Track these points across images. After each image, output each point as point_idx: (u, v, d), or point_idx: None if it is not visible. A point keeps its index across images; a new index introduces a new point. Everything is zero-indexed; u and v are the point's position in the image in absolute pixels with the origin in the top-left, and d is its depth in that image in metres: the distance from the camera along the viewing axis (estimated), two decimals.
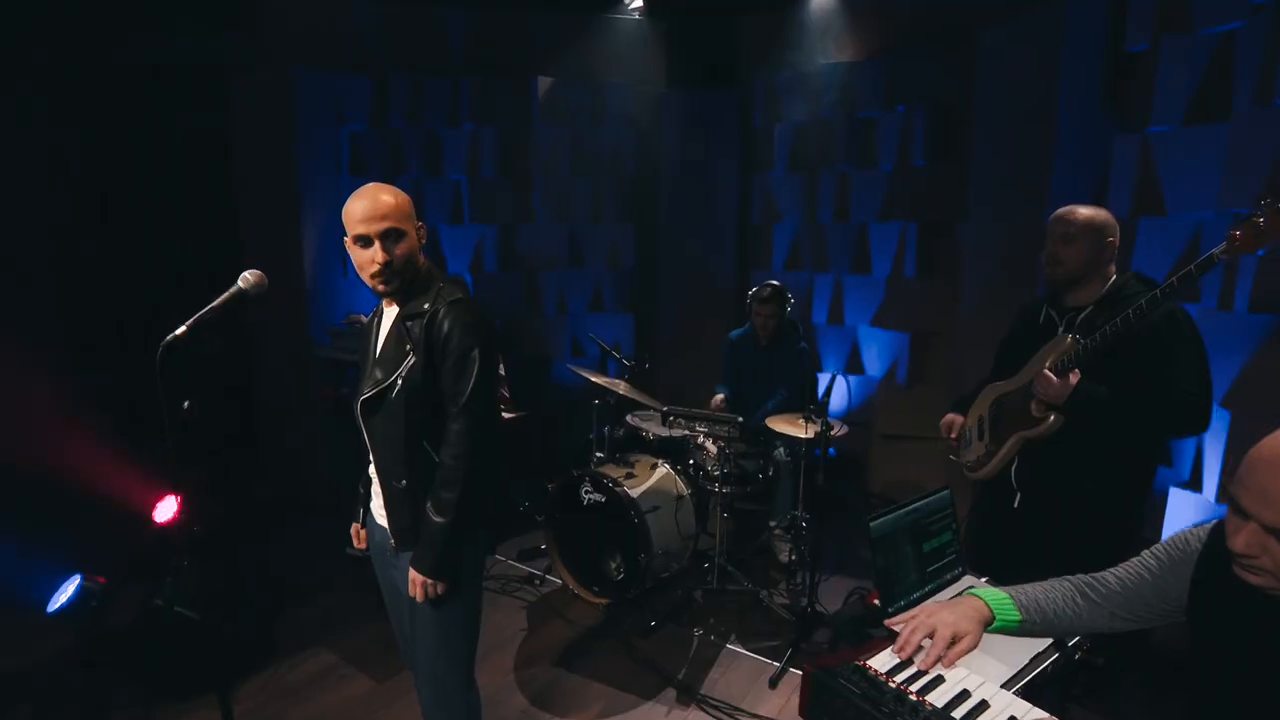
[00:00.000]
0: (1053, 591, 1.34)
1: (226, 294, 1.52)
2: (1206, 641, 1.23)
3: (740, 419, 3.13)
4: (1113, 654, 2.28)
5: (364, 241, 1.55)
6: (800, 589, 3.27)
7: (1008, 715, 1.16)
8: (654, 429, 3.61)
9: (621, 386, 3.67)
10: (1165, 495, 2.56)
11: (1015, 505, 2.18)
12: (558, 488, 3.25)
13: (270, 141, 3.86)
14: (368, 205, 1.55)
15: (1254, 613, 1.08)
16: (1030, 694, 1.31)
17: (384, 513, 1.70)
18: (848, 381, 4.44)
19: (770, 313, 3.50)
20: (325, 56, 3.97)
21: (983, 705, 1.18)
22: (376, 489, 1.72)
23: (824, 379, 3.52)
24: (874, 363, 4.33)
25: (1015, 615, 1.30)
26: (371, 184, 1.61)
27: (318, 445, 4.01)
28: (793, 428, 3.07)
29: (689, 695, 2.56)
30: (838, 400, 4.36)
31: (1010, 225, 3.24)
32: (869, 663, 1.26)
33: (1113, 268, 2.05)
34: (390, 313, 1.66)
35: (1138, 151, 2.68)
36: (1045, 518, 2.10)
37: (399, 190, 1.61)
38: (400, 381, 1.57)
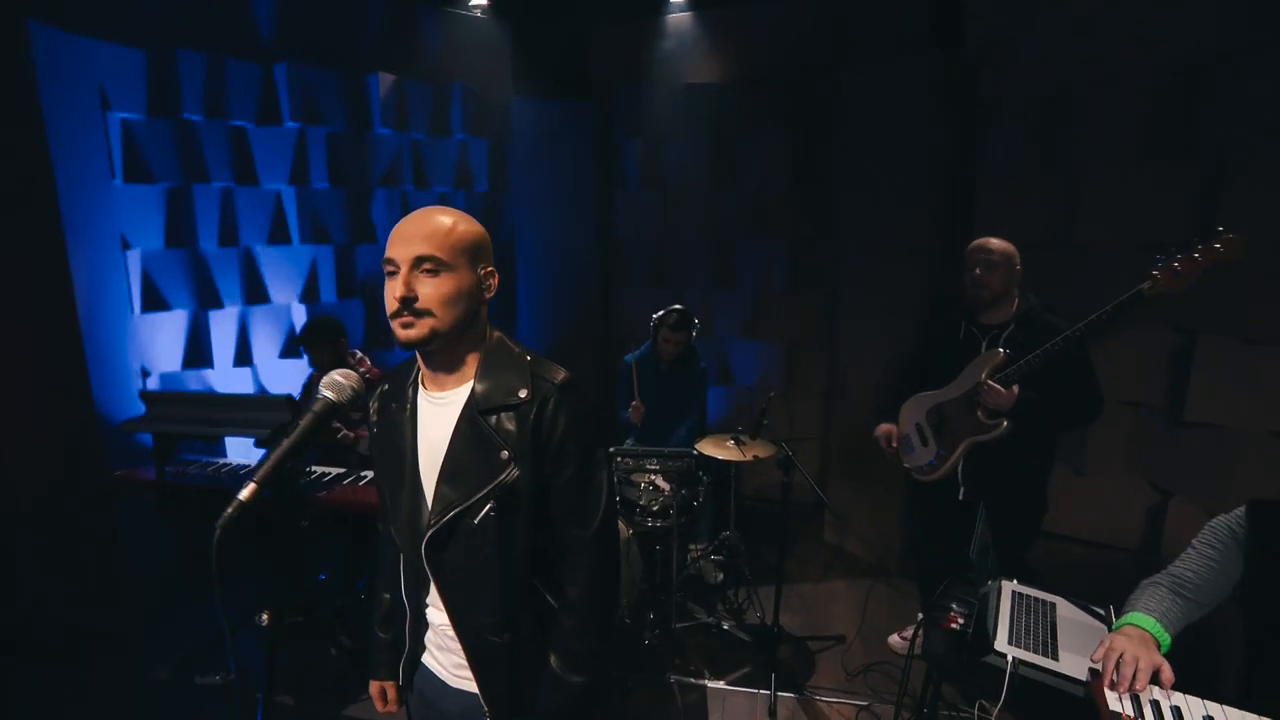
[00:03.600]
0: (1165, 600, 1.51)
1: (311, 415, 0.99)
2: (1262, 612, 1.50)
3: (695, 451, 3.05)
4: None
5: (391, 268, 1.13)
6: (741, 608, 3.31)
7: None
8: None
9: None
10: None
11: (960, 498, 2.50)
12: None
13: (8, 128, 2.68)
14: (410, 221, 1.14)
15: None
16: None
17: (460, 672, 1.28)
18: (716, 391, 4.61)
19: (680, 339, 3.47)
20: (77, 15, 2.89)
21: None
22: (443, 641, 1.29)
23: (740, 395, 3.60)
24: (746, 373, 4.55)
25: (1167, 637, 1.45)
26: (435, 207, 1.20)
27: (116, 560, 2.93)
28: (723, 450, 3.09)
29: None
30: (718, 410, 4.50)
31: (880, 246, 3.64)
32: (1125, 713, 1.30)
33: (1016, 289, 2.44)
34: (442, 399, 1.21)
35: (1008, 190, 3.21)
36: (987, 504, 2.43)
37: (470, 219, 1.20)
38: (494, 501, 1.16)
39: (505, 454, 1.16)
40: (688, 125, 4.30)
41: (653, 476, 3.06)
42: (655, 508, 3.00)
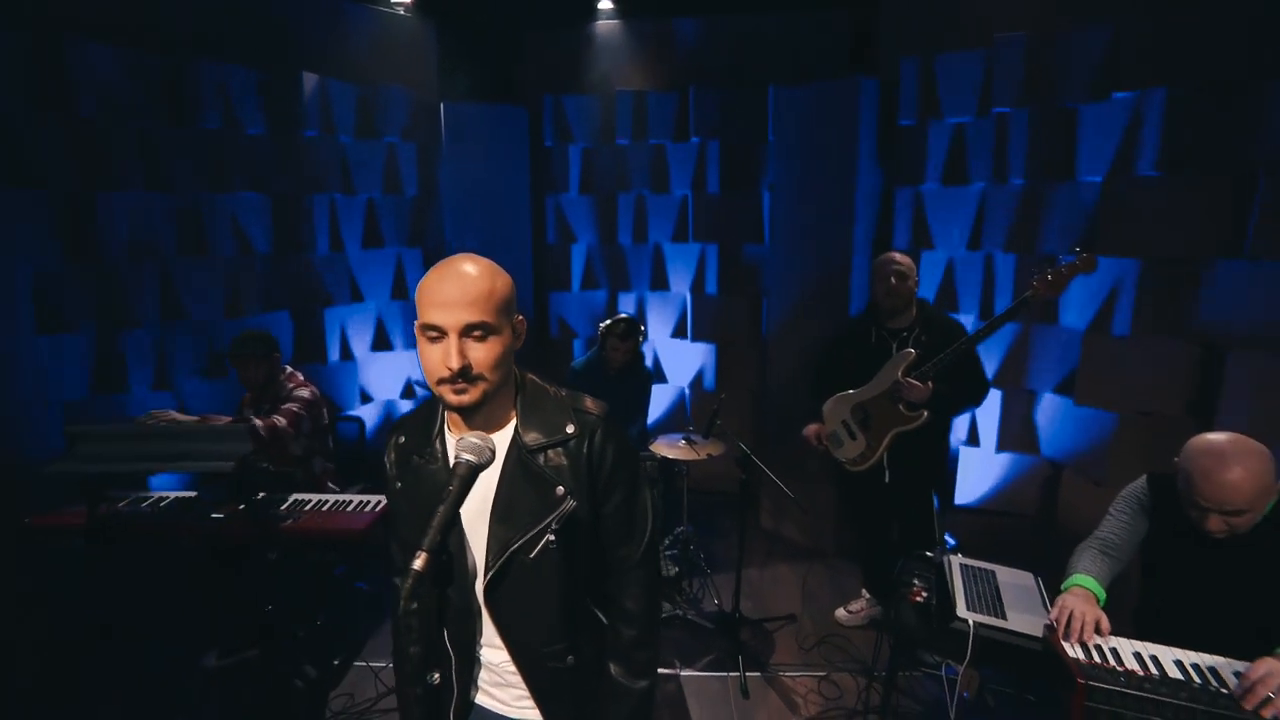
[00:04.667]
0: (1098, 561, 1.84)
1: (459, 480, 1.00)
2: (1156, 567, 1.87)
3: (658, 456, 3.19)
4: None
5: (434, 334, 1.11)
6: (698, 597, 3.50)
7: (1175, 658, 1.58)
8: None
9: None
10: (957, 451, 3.54)
11: (886, 481, 2.84)
12: None
13: None
14: (449, 283, 1.11)
15: (1197, 545, 1.70)
16: None
17: (521, 703, 1.30)
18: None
19: (628, 348, 3.58)
20: None
21: (1155, 658, 1.60)
22: (502, 677, 1.30)
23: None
24: (678, 372, 4.74)
25: (1103, 592, 1.76)
26: (461, 256, 1.17)
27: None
28: (677, 450, 3.25)
29: None
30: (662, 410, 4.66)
31: (808, 251, 3.92)
32: (1075, 657, 1.58)
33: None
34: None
35: (912, 201, 3.58)
36: (907, 483, 2.82)
37: (498, 268, 1.19)
38: (552, 534, 1.18)
39: (561, 490, 1.19)
40: (620, 131, 4.39)
41: None
42: None
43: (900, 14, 3.61)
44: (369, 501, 2.71)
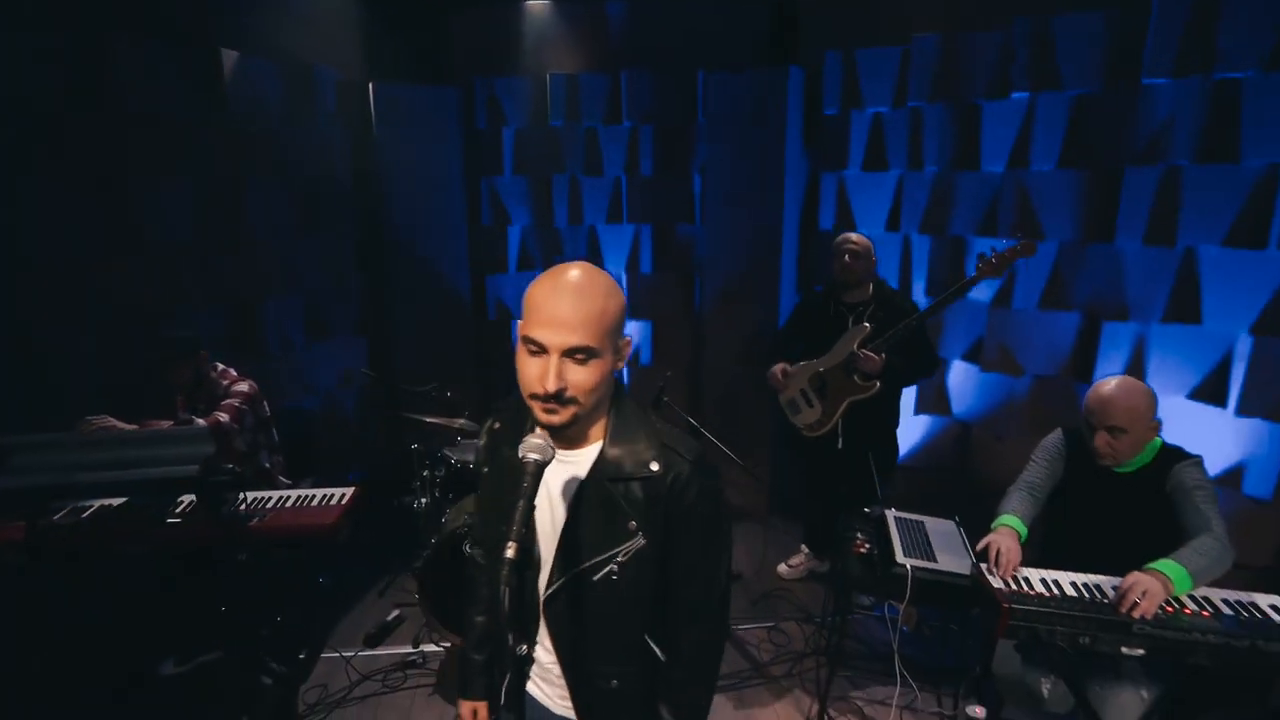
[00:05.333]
0: (1025, 502, 2.15)
1: (531, 478, 1.04)
2: (1064, 505, 2.22)
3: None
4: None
5: (535, 348, 1.07)
6: None
7: (1071, 580, 1.92)
8: None
9: (459, 421, 3.42)
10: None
11: (839, 447, 3.13)
12: (431, 559, 2.90)
13: None
14: (562, 300, 1.05)
15: (1098, 480, 2.06)
16: None
17: (563, 703, 1.33)
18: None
19: None
20: None
21: (1056, 582, 1.93)
22: (549, 676, 1.33)
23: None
24: None
25: (1025, 530, 2.08)
26: (577, 267, 1.10)
27: None
28: None
29: None
30: None
31: (740, 231, 4.13)
32: (999, 587, 1.88)
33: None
34: (566, 457, 1.19)
35: (836, 186, 3.85)
36: (858, 448, 3.09)
37: (613, 287, 1.12)
38: (616, 565, 1.18)
39: (633, 524, 1.16)
40: (553, 113, 4.40)
41: None
42: None
43: (823, 6, 3.82)
44: (333, 494, 2.71)
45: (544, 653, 1.30)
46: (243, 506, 2.58)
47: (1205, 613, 1.79)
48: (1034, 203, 3.15)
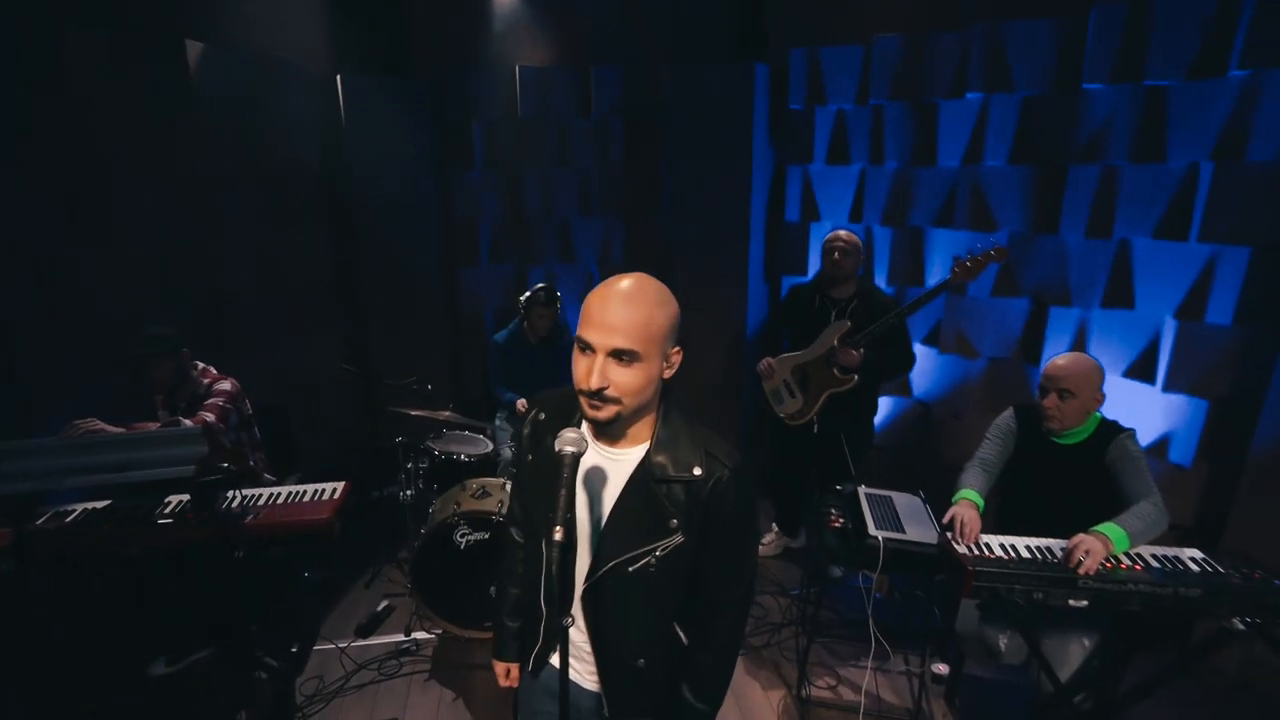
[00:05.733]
0: (980, 477, 2.36)
1: (568, 471, 1.15)
2: (1016, 477, 2.44)
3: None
4: None
5: (584, 347, 1.18)
6: None
7: (1025, 544, 2.13)
8: (467, 450, 3.53)
9: (444, 413, 3.48)
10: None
11: (815, 431, 3.31)
12: (423, 547, 2.98)
13: None
14: (610, 306, 1.16)
15: (1046, 453, 2.29)
16: None
17: (590, 677, 1.44)
18: None
19: (551, 314, 3.76)
20: None
21: (1013, 545, 2.14)
22: (578, 652, 1.43)
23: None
24: None
25: (982, 502, 2.29)
26: (631, 277, 1.20)
27: None
28: None
29: None
30: None
31: (710, 221, 4.25)
32: (964, 553, 2.08)
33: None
34: (611, 455, 1.29)
35: (802, 179, 4.02)
36: (834, 436, 3.27)
37: (666, 297, 1.21)
38: (655, 560, 1.27)
39: (674, 522, 1.25)
40: (522, 106, 4.43)
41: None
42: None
43: (789, 5, 3.96)
44: (323, 489, 2.74)
45: (576, 633, 1.40)
46: (235, 504, 2.60)
47: (1138, 566, 2.03)
48: (988, 197, 3.37)
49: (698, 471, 1.24)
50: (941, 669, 2.88)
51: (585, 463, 1.29)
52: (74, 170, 2.97)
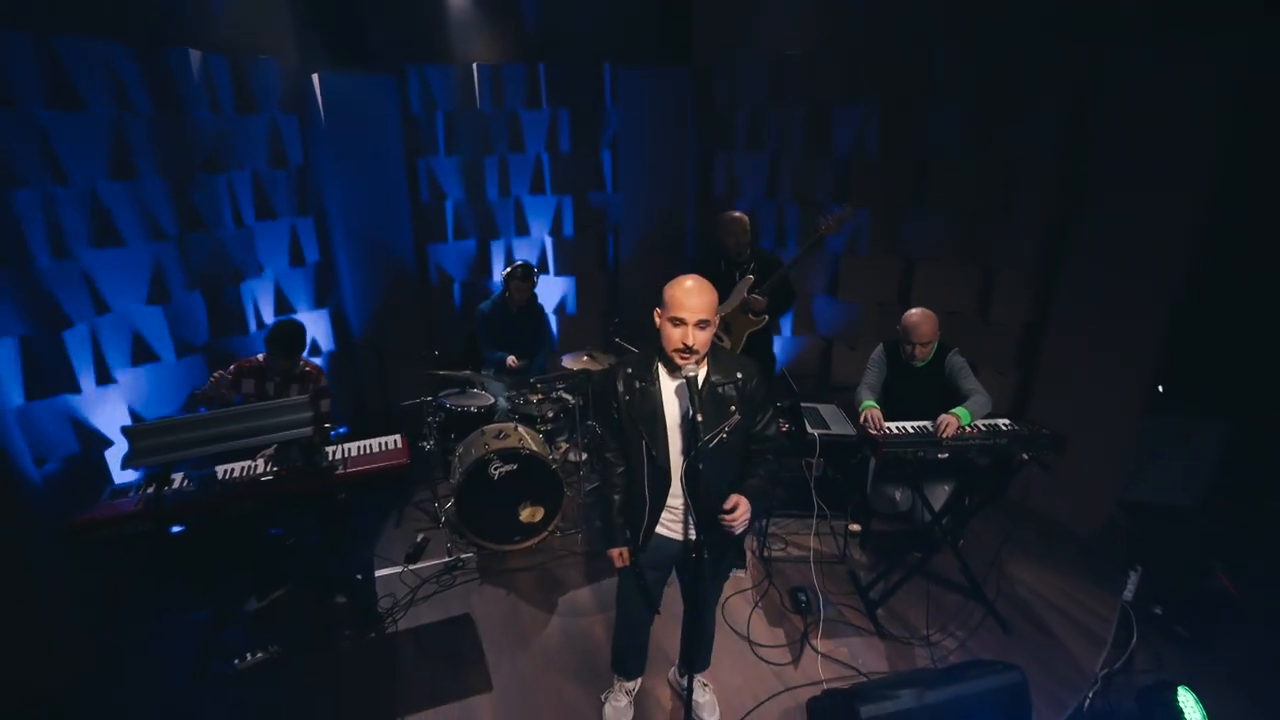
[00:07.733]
0: (870, 392, 3.45)
1: (691, 384, 2.07)
2: (889, 393, 3.55)
3: (585, 371, 4.23)
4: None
5: (677, 322, 1.99)
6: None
7: (910, 426, 3.24)
8: (474, 403, 4.20)
9: (464, 372, 4.13)
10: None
11: None
12: (463, 482, 3.66)
13: None
14: (694, 296, 1.99)
15: (909, 373, 3.42)
16: None
17: (677, 530, 2.23)
18: None
19: (528, 287, 4.47)
20: None
21: (905, 427, 3.24)
22: (673, 515, 2.23)
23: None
24: (545, 302, 5.68)
25: (878, 409, 3.35)
26: (693, 278, 2.03)
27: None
28: (581, 364, 4.33)
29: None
30: None
31: (650, 199, 5.06)
32: (875, 434, 3.16)
33: None
34: (681, 379, 2.06)
35: (727, 164, 4.92)
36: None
37: (712, 285, 2.06)
38: (725, 435, 2.09)
39: (733, 408, 2.09)
40: (481, 99, 4.95)
41: (560, 393, 4.18)
42: (551, 414, 4.15)
43: (709, 16, 4.77)
44: (386, 441, 3.33)
45: (674, 499, 2.21)
46: (328, 459, 3.18)
47: (975, 429, 3.19)
48: (868, 181, 4.44)
49: (740, 375, 2.12)
50: (855, 527, 4.05)
51: (665, 389, 2.12)
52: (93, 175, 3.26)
